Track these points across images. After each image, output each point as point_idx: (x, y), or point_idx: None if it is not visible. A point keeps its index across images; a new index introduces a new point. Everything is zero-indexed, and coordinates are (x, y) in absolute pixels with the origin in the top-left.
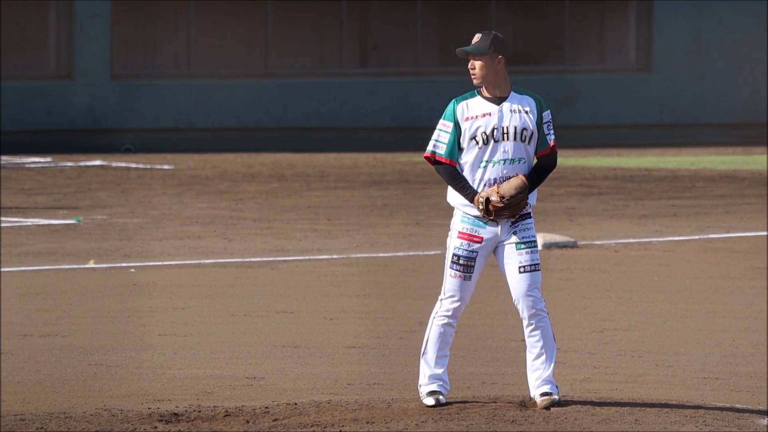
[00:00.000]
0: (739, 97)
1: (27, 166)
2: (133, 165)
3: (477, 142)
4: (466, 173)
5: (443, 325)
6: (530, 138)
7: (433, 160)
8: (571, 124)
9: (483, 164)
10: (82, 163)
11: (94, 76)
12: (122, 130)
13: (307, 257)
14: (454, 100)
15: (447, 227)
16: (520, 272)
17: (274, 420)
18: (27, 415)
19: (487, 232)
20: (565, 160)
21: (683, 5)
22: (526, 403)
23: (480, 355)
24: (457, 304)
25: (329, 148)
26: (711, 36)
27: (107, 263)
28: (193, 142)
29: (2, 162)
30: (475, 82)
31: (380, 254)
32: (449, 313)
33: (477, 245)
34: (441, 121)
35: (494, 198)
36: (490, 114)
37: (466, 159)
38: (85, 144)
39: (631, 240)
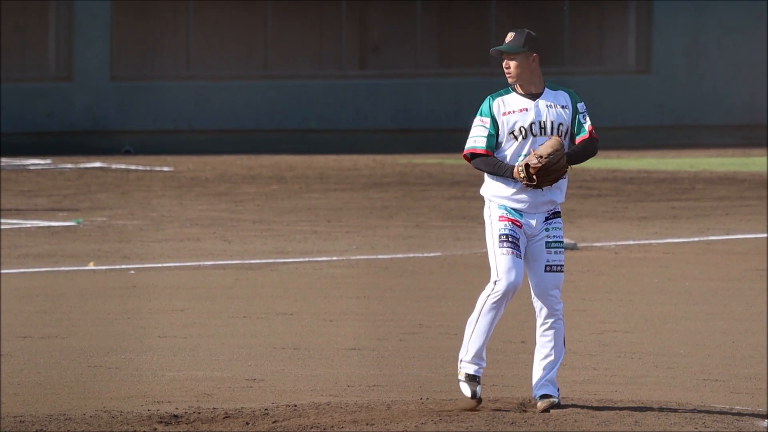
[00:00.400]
0: (739, 98)
1: (27, 167)
2: (133, 167)
3: (515, 137)
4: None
5: (495, 306)
6: (566, 133)
7: (470, 156)
8: None
9: (522, 158)
10: (82, 165)
11: (94, 78)
12: (122, 132)
13: (306, 259)
14: (489, 97)
15: (446, 228)
16: (545, 270)
17: (274, 422)
18: (26, 416)
19: (524, 221)
20: None
21: (683, 6)
22: (526, 404)
23: None
24: (512, 280)
25: (329, 149)
26: (711, 37)
27: (107, 265)
28: (192, 144)
29: (2, 163)
30: (510, 80)
31: (380, 256)
32: (499, 297)
33: (518, 228)
34: (477, 117)
35: (533, 161)
36: (527, 109)
37: (506, 153)
38: (84, 145)
39: (631, 242)
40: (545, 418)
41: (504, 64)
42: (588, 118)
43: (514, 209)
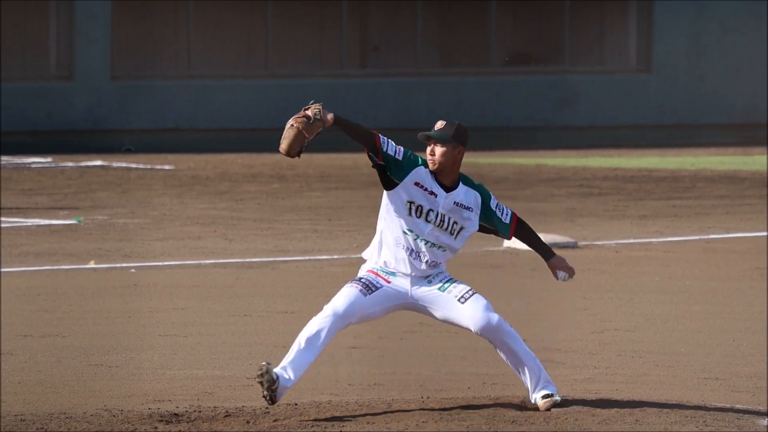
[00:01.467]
0: (739, 98)
1: (27, 166)
2: (134, 165)
3: (411, 210)
4: (389, 224)
5: (315, 324)
6: (458, 233)
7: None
8: (571, 124)
9: (407, 231)
10: (83, 164)
11: (95, 77)
12: (123, 131)
13: (307, 258)
14: (422, 159)
15: None
16: (462, 303)
17: (275, 420)
18: (27, 415)
19: (397, 280)
20: (565, 160)
21: (683, 6)
22: (527, 403)
23: (481, 356)
24: (340, 311)
25: (329, 148)
26: (711, 37)
27: (107, 264)
28: (193, 143)
29: (3, 162)
30: (431, 167)
31: None
32: (325, 320)
33: (384, 282)
34: (403, 150)
35: (305, 115)
36: (435, 195)
37: (393, 216)
38: (85, 144)
39: (632, 240)
40: (546, 417)
41: (429, 149)
42: (504, 208)
43: (389, 270)
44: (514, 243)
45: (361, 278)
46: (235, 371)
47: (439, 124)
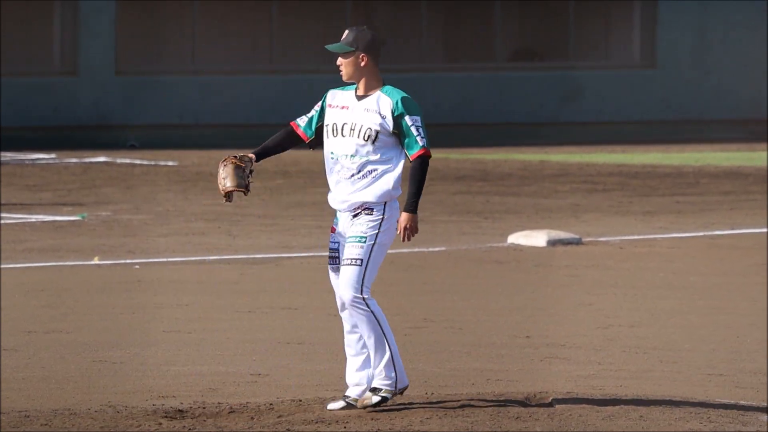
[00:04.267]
0: (744, 93)
1: (31, 162)
2: (138, 161)
3: (327, 132)
4: (326, 161)
5: (345, 328)
6: (375, 138)
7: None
8: (575, 120)
9: (332, 155)
10: (87, 160)
11: (99, 72)
12: (127, 126)
13: (311, 254)
14: (332, 88)
15: (451, 223)
16: (344, 265)
17: (279, 416)
18: (31, 411)
19: (337, 221)
20: (570, 156)
21: (688, 2)
22: (531, 399)
23: (484, 352)
24: (339, 300)
25: None
26: (716, 33)
27: (112, 260)
28: (198, 138)
29: (7, 158)
30: (343, 78)
31: None
32: (341, 312)
33: (334, 235)
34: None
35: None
36: (347, 108)
37: (325, 146)
38: (89, 140)
39: (636, 236)
40: (550, 413)
41: (337, 61)
42: (420, 133)
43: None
44: (518, 239)
45: (330, 250)
46: (240, 367)
47: (344, 34)
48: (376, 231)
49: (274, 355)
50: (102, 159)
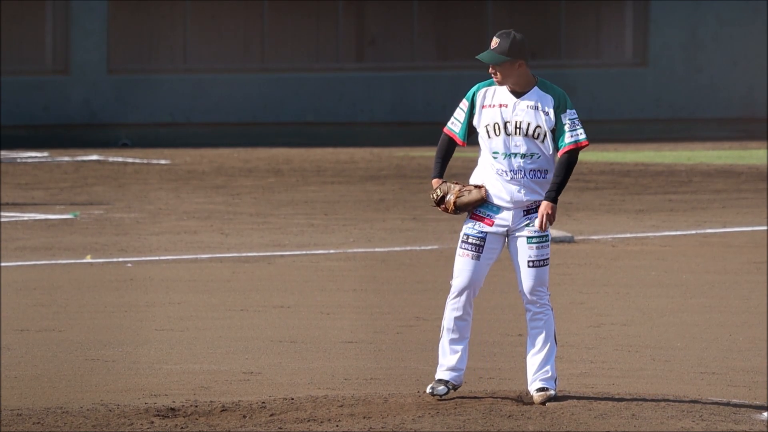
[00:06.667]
0: (736, 91)
1: (24, 160)
2: (130, 160)
3: (489, 132)
4: (483, 158)
5: (453, 312)
6: (543, 137)
7: (445, 134)
8: None
9: (495, 154)
10: (79, 158)
11: (91, 71)
12: (119, 125)
13: (303, 252)
14: (478, 84)
15: (442, 221)
16: (528, 266)
17: (271, 415)
18: (24, 410)
19: (499, 218)
20: None
21: (680, 0)
22: (523, 398)
23: (477, 350)
24: (464, 285)
25: (326, 142)
26: (707, 30)
27: (104, 258)
28: (189, 137)
29: None
30: (498, 83)
31: (377, 249)
32: (457, 300)
33: (487, 227)
34: (463, 100)
35: (450, 201)
36: (506, 106)
37: (482, 145)
38: (81, 138)
39: (628, 235)
40: (542, 411)
41: (490, 70)
42: (577, 128)
43: (492, 204)
44: None
45: (468, 236)
46: (232, 365)
47: (494, 42)
48: (548, 227)
49: (266, 353)
50: (94, 157)
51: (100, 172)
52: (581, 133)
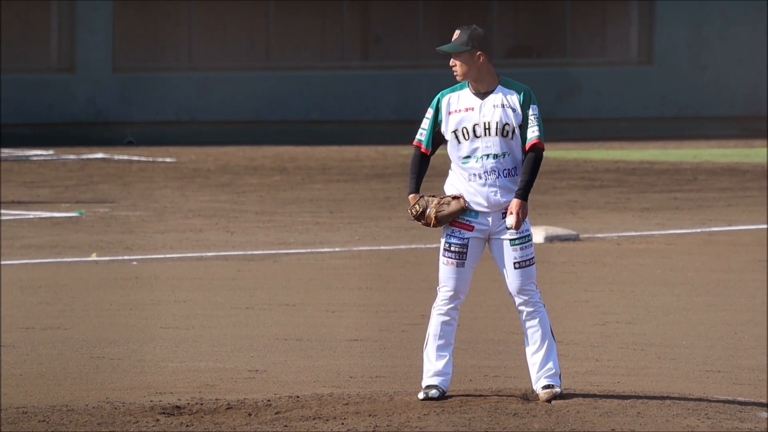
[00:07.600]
0: (741, 89)
1: (29, 158)
2: (135, 158)
3: (458, 137)
4: (453, 166)
5: (439, 318)
6: (513, 133)
7: (416, 146)
8: (572, 116)
9: (465, 159)
10: (84, 156)
11: (96, 69)
12: (124, 123)
13: (309, 250)
14: (442, 91)
15: None
16: (515, 268)
17: (276, 413)
18: (29, 408)
19: (479, 222)
20: (567, 153)
21: None
22: (528, 395)
23: (482, 348)
24: (451, 293)
25: (331, 141)
26: (712, 29)
27: (109, 256)
28: (194, 135)
29: (4, 155)
30: (458, 79)
31: (382, 247)
32: (444, 306)
33: (468, 233)
34: (428, 109)
35: (431, 215)
36: (473, 109)
37: (451, 152)
38: (87, 137)
39: (633, 233)
40: (547, 409)
41: (450, 62)
42: (538, 124)
43: (471, 209)
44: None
45: (450, 245)
46: (237, 363)
47: (455, 34)
48: (528, 225)
49: (271, 351)
50: (99, 155)
51: (105, 171)
52: (540, 132)
